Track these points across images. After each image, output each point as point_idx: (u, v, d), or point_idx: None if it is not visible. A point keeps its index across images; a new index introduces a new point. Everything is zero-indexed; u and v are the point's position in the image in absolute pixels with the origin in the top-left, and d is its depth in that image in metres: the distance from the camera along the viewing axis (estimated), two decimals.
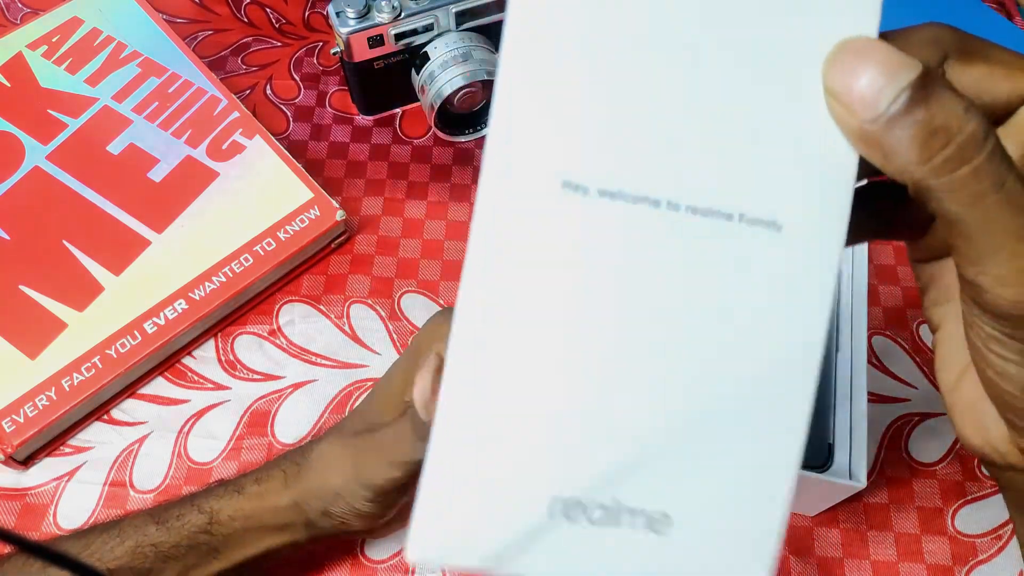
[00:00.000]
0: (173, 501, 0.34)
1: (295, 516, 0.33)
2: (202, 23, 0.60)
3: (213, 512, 0.33)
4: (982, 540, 0.41)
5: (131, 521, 0.34)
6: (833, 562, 0.41)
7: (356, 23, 0.48)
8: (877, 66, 0.16)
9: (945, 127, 0.15)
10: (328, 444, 0.33)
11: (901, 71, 0.15)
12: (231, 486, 0.34)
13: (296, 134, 0.55)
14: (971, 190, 0.16)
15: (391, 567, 0.40)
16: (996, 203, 0.16)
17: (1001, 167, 0.16)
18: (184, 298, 0.45)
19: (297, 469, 0.33)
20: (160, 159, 0.50)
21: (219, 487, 0.34)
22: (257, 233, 0.47)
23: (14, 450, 0.41)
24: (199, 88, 0.52)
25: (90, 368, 0.43)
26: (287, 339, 0.47)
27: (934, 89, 0.15)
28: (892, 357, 0.46)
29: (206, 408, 0.45)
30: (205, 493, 0.34)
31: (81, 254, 0.46)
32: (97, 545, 0.32)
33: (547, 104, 0.16)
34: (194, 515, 0.33)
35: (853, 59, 0.16)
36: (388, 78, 0.52)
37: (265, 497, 0.33)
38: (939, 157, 0.15)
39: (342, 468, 0.31)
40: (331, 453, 0.33)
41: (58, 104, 0.52)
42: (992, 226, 0.16)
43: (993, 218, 0.16)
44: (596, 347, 0.17)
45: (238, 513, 0.33)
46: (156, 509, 0.34)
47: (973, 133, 0.15)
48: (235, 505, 0.33)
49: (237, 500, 0.33)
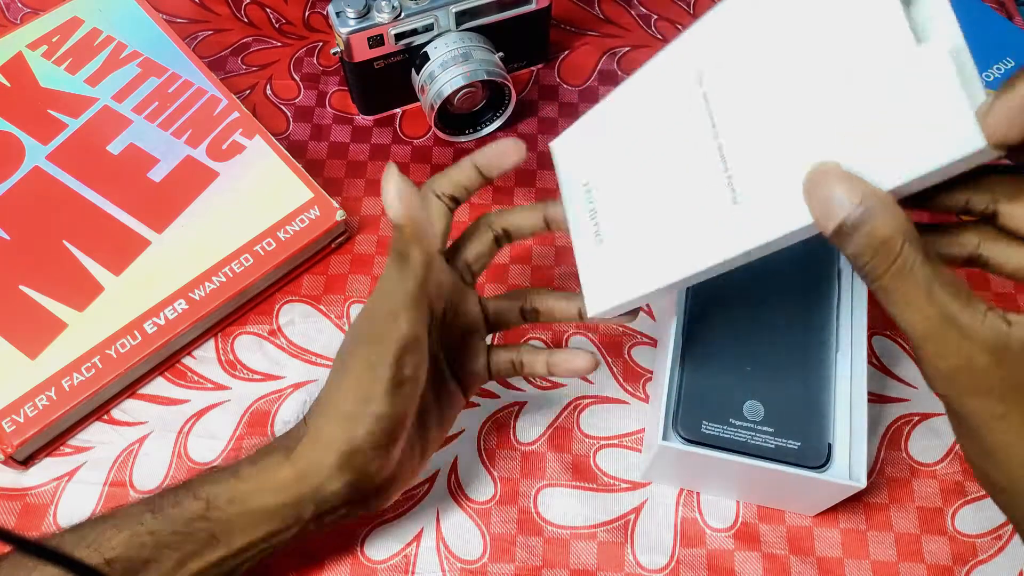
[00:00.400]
0: (168, 488, 0.34)
1: (300, 489, 0.32)
2: (202, 23, 0.60)
3: (210, 498, 0.33)
4: (982, 540, 0.41)
5: (127, 510, 0.33)
6: (833, 562, 0.41)
7: (356, 23, 0.48)
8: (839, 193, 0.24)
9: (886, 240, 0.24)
10: (326, 407, 0.33)
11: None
12: (227, 471, 0.34)
13: (296, 134, 0.55)
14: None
15: (391, 567, 0.40)
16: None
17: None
18: (184, 298, 0.45)
19: (297, 440, 0.33)
20: (160, 159, 0.50)
21: (215, 472, 0.34)
22: (257, 233, 0.47)
23: (14, 450, 0.41)
24: (199, 88, 0.52)
25: (90, 368, 0.43)
26: (287, 339, 0.47)
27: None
28: (892, 357, 0.46)
29: (206, 408, 0.45)
30: (200, 479, 0.34)
31: (81, 254, 0.46)
32: (94, 536, 0.32)
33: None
34: (190, 501, 0.33)
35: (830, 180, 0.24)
36: (388, 78, 0.52)
37: (264, 474, 0.33)
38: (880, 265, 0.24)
39: (349, 417, 0.32)
40: (334, 412, 0.33)
41: (58, 104, 0.52)
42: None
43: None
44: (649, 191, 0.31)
45: (236, 496, 0.33)
46: (152, 497, 0.34)
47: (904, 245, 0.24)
48: (233, 488, 0.33)
49: (234, 483, 0.33)
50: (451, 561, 0.41)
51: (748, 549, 0.41)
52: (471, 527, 0.41)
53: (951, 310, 0.24)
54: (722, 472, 0.39)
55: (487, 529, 0.41)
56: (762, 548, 0.41)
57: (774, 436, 0.38)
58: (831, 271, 0.42)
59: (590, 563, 0.41)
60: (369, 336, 0.32)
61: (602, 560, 0.41)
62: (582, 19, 0.61)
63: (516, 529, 0.41)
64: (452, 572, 0.40)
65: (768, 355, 0.40)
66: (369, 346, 0.32)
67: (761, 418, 0.38)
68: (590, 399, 0.45)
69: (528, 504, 0.42)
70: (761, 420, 0.38)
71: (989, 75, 0.50)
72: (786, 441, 0.38)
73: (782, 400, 0.38)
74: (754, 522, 0.42)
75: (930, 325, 0.24)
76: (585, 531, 0.41)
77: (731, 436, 0.38)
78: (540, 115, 0.56)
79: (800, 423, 0.38)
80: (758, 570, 0.40)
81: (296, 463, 0.33)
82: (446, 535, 0.41)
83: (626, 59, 0.59)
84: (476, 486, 0.43)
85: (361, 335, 0.33)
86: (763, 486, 0.40)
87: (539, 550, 0.41)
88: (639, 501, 0.42)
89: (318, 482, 0.32)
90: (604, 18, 0.61)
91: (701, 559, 0.41)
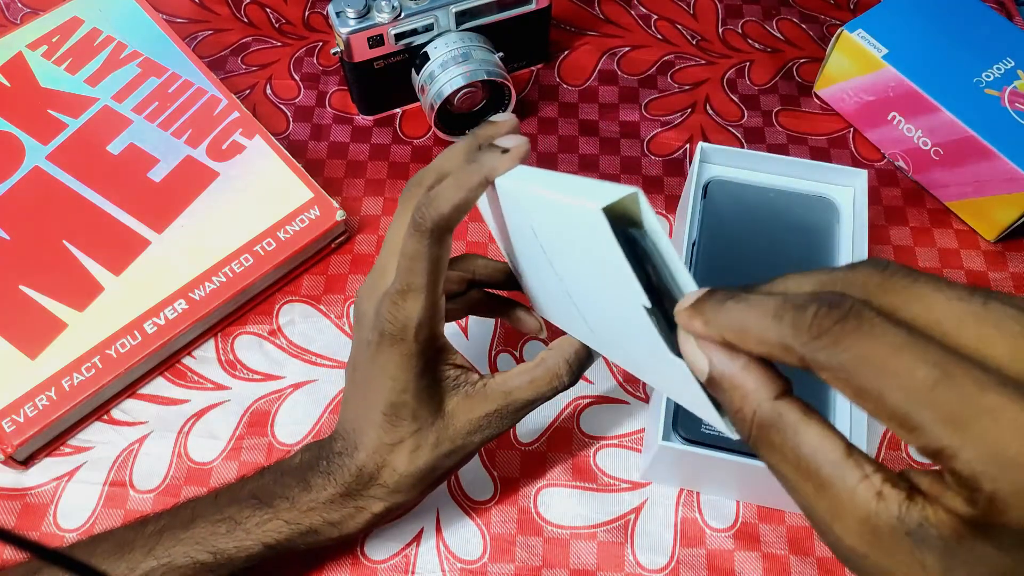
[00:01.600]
0: (234, 542, 0.34)
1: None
2: (202, 23, 0.60)
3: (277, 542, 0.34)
4: None
5: (161, 542, 0.34)
6: (833, 562, 0.41)
7: (356, 23, 0.48)
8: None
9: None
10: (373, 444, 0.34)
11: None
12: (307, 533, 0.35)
13: (296, 134, 0.55)
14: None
15: (391, 567, 0.40)
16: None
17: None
18: (184, 298, 0.45)
19: (359, 486, 0.34)
20: (160, 159, 0.50)
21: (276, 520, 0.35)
22: (257, 233, 0.47)
23: (14, 450, 0.41)
24: (199, 88, 0.52)
25: (90, 368, 0.43)
26: (287, 339, 0.47)
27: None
28: None
29: (206, 408, 0.45)
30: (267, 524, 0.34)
31: (81, 254, 0.46)
32: (128, 558, 0.33)
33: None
34: (258, 549, 0.34)
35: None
36: (388, 78, 0.52)
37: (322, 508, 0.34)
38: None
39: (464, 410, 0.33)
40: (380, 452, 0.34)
41: (58, 104, 0.52)
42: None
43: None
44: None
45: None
46: (207, 550, 0.34)
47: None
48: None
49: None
50: (451, 561, 0.41)
51: (748, 549, 0.41)
52: (471, 527, 0.41)
53: (823, 475, 0.20)
54: (722, 472, 0.39)
55: (487, 529, 0.41)
56: (762, 548, 0.41)
57: None
58: None
59: (590, 563, 0.41)
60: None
61: (602, 560, 0.41)
62: (582, 19, 0.61)
63: (516, 529, 0.41)
64: (452, 572, 0.40)
65: None
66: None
67: None
68: (590, 399, 0.45)
69: (528, 504, 0.42)
70: None
71: (989, 75, 0.50)
72: None
73: None
74: (754, 522, 0.42)
75: (808, 492, 0.20)
76: (585, 531, 0.41)
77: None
78: (540, 115, 0.56)
79: None
80: (758, 570, 0.40)
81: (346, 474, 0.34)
82: (446, 535, 0.41)
83: (626, 59, 0.59)
84: (476, 486, 0.43)
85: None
86: (763, 486, 0.40)
87: (539, 550, 0.41)
88: (639, 501, 0.42)
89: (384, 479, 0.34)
90: (604, 18, 0.61)
91: (701, 559, 0.41)
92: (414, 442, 0.32)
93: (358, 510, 0.34)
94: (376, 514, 0.34)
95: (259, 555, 0.34)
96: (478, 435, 0.33)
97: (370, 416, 0.33)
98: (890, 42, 0.51)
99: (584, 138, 0.55)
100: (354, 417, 0.34)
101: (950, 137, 0.49)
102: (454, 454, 0.33)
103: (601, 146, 0.55)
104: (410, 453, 0.33)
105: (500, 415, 0.33)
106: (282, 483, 0.34)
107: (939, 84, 0.50)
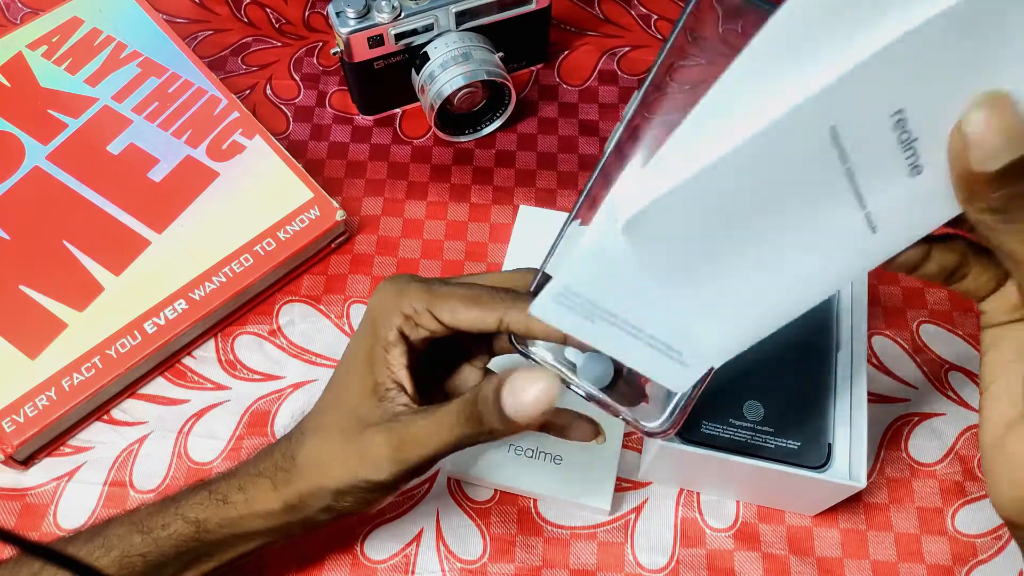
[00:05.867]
0: (154, 506, 0.34)
1: (289, 516, 0.32)
2: (202, 23, 0.60)
3: (200, 522, 0.33)
4: (982, 540, 0.41)
5: (115, 530, 0.33)
6: (833, 562, 0.41)
7: (356, 23, 0.48)
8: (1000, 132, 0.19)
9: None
10: (317, 445, 0.32)
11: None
12: (215, 495, 0.33)
13: (296, 134, 0.55)
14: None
15: (391, 567, 0.40)
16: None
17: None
18: (184, 298, 0.45)
19: (287, 476, 0.32)
20: (160, 159, 0.50)
21: (199, 493, 0.34)
22: (257, 233, 0.47)
23: (14, 450, 0.41)
24: (199, 88, 0.52)
25: (90, 368, 0.43)
26: (287, 339, 0.47)
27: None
28: (892, 357, 0.46)
29: (206, 408, 0.45)
30: (187, 501, 0.34)
31: (81, 254, 0.46)
32: (83, 554, 0.32)
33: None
34: (179, 525, 0.33)
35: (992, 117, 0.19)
36: (388, 78, 0.52)
37: (253, 504, 0.33)
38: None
39: (343, 467, 0.31)
40: (324, 453, 0.32)
41: (58, 104, 0.52)
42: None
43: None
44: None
45: (226, 521, 0.33)
46: (138, 516, 0.34)
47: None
48: (222, 514, 0.33)
49: (223, 509, 0.33)
50: (451, 561, 0.41)
51: (748, 549, 0.41)
52: (471, 527, 0.41)
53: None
54: (722, 472, 0.39)
55: (487, 529, 0.41)
56: (762, 548, 0.41)
57: (774, 436, 0.38)
58: None
59: (590, 563, 0.41)
60: (368, 445, 0.31)
61: (602, 560, 0.41)
62: (582, 19, 0.61)
63: (516, 529, 0.41)
64: (452, 572, 0.40)
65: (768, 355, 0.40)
66: (365, 457, 0.30)
67: (761, 418, 0.38)
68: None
69: (528, 504, 0.42)
70: (761, 420, 0.38)
71: None
72: (786, 441, 0.38)
73: (782, 400, 0.38)
74: (754, 522, 0.42)
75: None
76: (585, 531, 0.41)
77: (731, 436, 0.38)
78: (540, 115, 0.56)
79: (800, 423, 0.38)
80: (758, 570, 0.40)
81: (283, 496, 0.32)
82: (446, 535, 0.41)
83: (626, 59, 0.59)
84: (476, 486, 0.43)
85: (367, 402, 0.32)
86: (763, 486, 0.40)
87: (539, 550, 0.41)
88: (639, 501, 0.42)
89: (308, 514, 0.32)
90: (604, 18, 0.61)
91: (701, 559, 0.41)
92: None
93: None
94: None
95: (186, 535, 0.33)
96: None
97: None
98: None
99: (584, 138, 0.55)
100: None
101: None
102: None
103: (601, 146, 0.55)
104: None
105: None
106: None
107: None
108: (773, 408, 0.38)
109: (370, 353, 0.31)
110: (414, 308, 0.31)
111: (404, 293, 0.31)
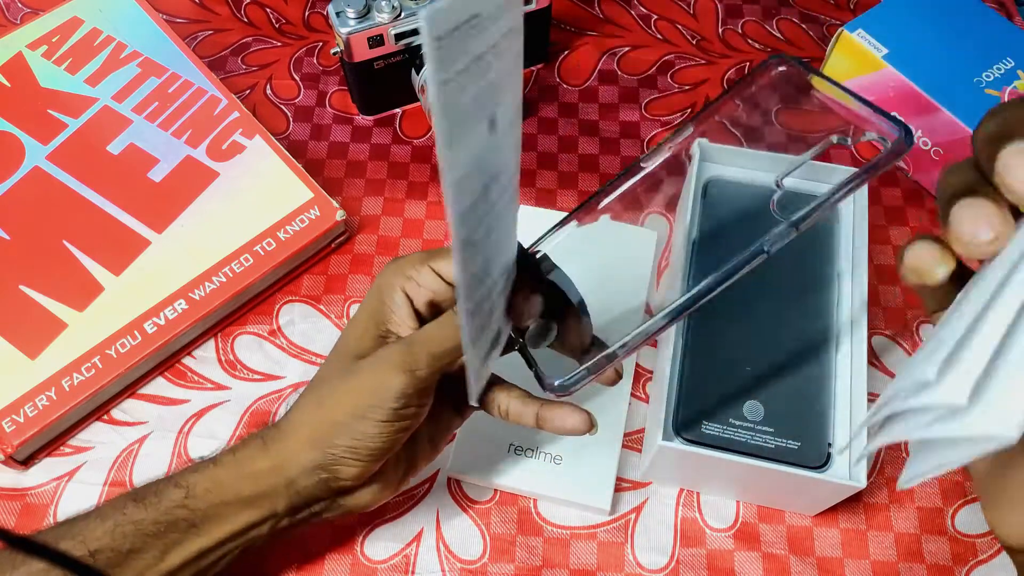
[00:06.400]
0: (154, 480, 0.34)
1: (274, 480, 0.32)
2: (202, 23, 0.60)
3: (189, 485, 0.33)
4: (982, 540, 0.41)
5: (112, 502, 0.33)
6: (833, 562, 0.41)
7: (356, 23, 0.48)
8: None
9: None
10: (302, 409, 0.33)
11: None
12: (209, 460, 0.34)
13: (296, 134, 0.55)
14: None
15: (391, 567, 0.40)
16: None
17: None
18: (184, 298, 0.45)
19: (277, 432, 0.33)
20: (160, 159, 0.50)
21: (198, 463, 0.34)
22: (257, 233, 0.47)
23: (14, 450, 0.41)
24: (199, 88, 0.52)
25: (90, 368, 0.43)
26: (287, 339, 0.47)
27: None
28: (892, 357, 0.46)
29: (206, 408, 0.45)
30: (183, 469, 0.34)
31: (81, 254, 0.46)
32: (79, 528, 0.32)
33: None
34: (171, 490, 0.33)
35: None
36: (388, 78, 0.52)
37: (242, 464, 0.33)
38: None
39: (347, 395, 0.31)
40: (309, 415, 0.33)
41: (58, 104, 0.52)
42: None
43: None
44: None
45: (214, 484, 0.33)
46: (137, 489, 0.34)
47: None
48: (211, 476, 0.33)
49: (213, 470, 0.33)
50: (451, 561, 0.41)
51: (748, 549, 0.41)
52: (471, 527, 0.41)
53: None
54: (722, 472, 0.39)
55: (487, 529, 0.41)
56: (762, 548, 0.41)
57: (774, 436, 0.38)
58: (831, 271, 0.42)
59: (590, 563, 0.41)
60: (377, 359, 0.32)
61: (602, 560, 0.41)
62: (582, 19, 0.61)
63: (516, 529, 0.41)
64: (452, 572, 0.40)
65: (768, 355, 0.40)
66: (375, 370, 0.31)
67: (761, 418, 0.38)
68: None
69: (528, 504, 0.42)
70: (761, 420, 0.38)
71: (989, 75, 0.50)
72: (786, 441, 0.38)
73: (782, 400, 0.38)
74: (754, 522, 0.42)
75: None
76: (585, 531, 0.41)
77: (731, 436, 0.38)
78: (540, 115, 0.56)
79: (800, 423, 0.38)
80: (758, 570, 0.40)
81: (272, 454, 0.33)
82: (446, 535, 0.41)
83: (626, 59, 0.59)
84: (476, 486, 0.43)
85: (370, 349, 0.33)
86: (763, 486, 0.40)
87: (539, 550, 0.41)
88: (639, 501, 0.42)
89: (292, 475, 0.32)
90: (604, 18, 0.61)
91: (701, 559, 0.41)
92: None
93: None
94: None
95: (175, 500, 0.33)
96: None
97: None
98: (890, 42, 0.51)
99: (584, 138, 0.55)
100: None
101: (950, 137, 0.49)
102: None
103: (601, 146, 0.55)
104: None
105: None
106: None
107: (939, 84, 0.50)
108: (773, 408, 0.38)
109: (374, 314, 0.33)
110: (415, 268, 0.33)
111: (405, 259, 0.33)
